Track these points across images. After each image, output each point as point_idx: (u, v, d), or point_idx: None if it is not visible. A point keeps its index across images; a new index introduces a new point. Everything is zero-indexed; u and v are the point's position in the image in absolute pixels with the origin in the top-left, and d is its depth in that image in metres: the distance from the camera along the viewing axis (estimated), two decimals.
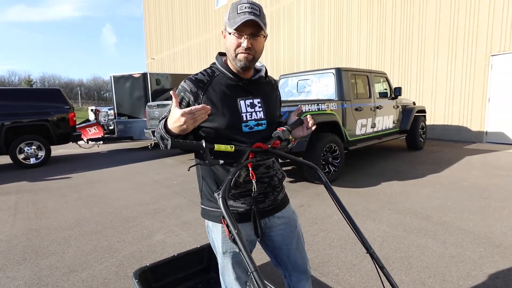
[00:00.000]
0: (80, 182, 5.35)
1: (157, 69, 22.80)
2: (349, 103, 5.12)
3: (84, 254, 2.71)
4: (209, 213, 1.24)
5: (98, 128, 8.90)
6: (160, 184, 5.03)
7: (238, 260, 1.23)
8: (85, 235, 3.11)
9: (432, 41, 8.62)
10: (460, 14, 7.98)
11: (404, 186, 4.33)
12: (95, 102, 47.36)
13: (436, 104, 8.71)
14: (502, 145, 7.39)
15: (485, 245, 2.57)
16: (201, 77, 1.17)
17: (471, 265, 2.28)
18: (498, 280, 2.09)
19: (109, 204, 4.06)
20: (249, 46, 1.10)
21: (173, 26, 20.73)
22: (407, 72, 9.30)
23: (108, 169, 6.39)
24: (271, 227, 1.30)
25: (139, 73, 8.72)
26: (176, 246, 2.80)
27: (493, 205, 3.48)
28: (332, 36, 11.23)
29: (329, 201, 3.84)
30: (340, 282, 2.16)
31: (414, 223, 3.07)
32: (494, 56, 7.54)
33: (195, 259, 2.17)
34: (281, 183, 1.31)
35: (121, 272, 2.40)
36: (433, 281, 2.10)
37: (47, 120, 6.78)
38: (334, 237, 2.85)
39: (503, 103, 7.51)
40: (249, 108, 1.19)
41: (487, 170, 5.04)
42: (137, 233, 3.12)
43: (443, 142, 8.14)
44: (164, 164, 6.70)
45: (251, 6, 1.09)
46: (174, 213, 3.66)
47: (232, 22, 1.09)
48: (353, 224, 1.13)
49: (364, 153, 6.83)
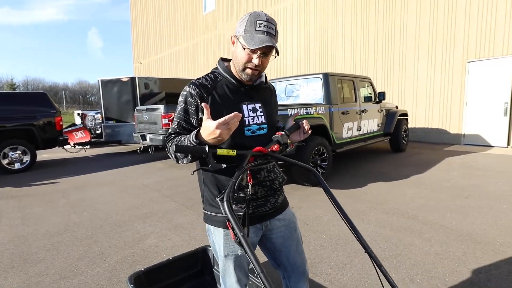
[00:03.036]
0: (67, 187, 5.25)
1: (144, 74, 22.57)
2: (336, 107, 5.26)
3: (75, 260, 2.68)
4: (211, 218, 1.26)
5: (85, 132, 8.74)
6: (150, 188, 5.00)
7: (240, 263, 1.26)
8: (75, 241, 3.07)
9: (412, 47, 8.94)
10: (439, 22, 8.33)
11: (389, 187, 4.48)
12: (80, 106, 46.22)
13: (417, 108, 9.01)
14: (478, 146, 7.72)
15: (468, 242, 2.71)
16: (204, 82, 1.20)
17: (456, 262, 2.40)
18: (481, 275, 2.21)
19: (98, 209, 4.01)
20: (259, 63, 1.14)
21: (161, 31, 20.62)
22: (389, 77, 9.60)
23: (96, 173, 6.29)
24: (272, 229, 1.33)
25: (127, 77, 8.64)
26: (168, 250, 2.81)
27: (472, 204, 3.65)
28: (317, 42, 11.45)
29: (319, 202, 3.92)
30: (333, 281, 2.22)
31: (401, 223, 3.19)
32: (470, 63, 7.90)
33: (190, 263, 2.19)
34: (281, 186, 1.35)
35: (114, 278, 2.39)
36: (421, 278, 2.20)
37: (32, 125, 6.61)
38: (325, 237, 2.93)
39: (478, 107, 7.87)
40: (251, 112, 1.23)
41: (466, 171, 5.26)
42: (129, 238, 3.10)
43: (424, 144, 8.42)
44: (153, 168, 6.65)
45: (268, 25, 1.11)
46: (165, 217, 3.65)
47: (249, 39, 1.10)
48: (351, 224, 1.19)
49: (350, 156, 6.99)
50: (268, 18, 1.12)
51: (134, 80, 8.66)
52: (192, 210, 3.85)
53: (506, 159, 6.17)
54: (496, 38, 7.41)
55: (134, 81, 8.65)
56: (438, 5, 8.31)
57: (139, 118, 7.25)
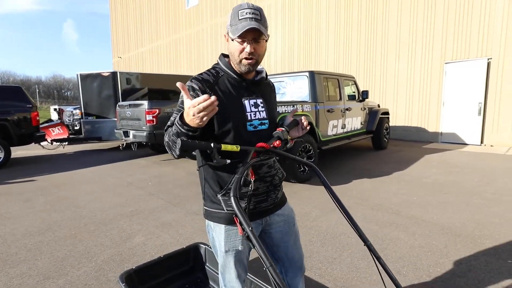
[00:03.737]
0: (46, 185, 5.04)
1: (124, 68, 21.95)
2: (322, 105, 5.34)
3: (59, 260, 2.59)
4: (212, 214, 1.26)
5: (63, 128, 8.39)
6: (134, 185, 4.89)
7: (240, 258, 1.27)
8: (58, 240, 2.96)
9: (394, 48, 9.19)
10: (419, 24, 8.61)
11: (373, 184, 4.60)
12: (55, 101, 44.31)
13: (398, 107, 9.30)
14: (454, 144, 8.07)
15: (449, 235, 2.83)
16: (206, 77, 1.19)
17: (438, 254, 2.51)
18: (462, 265, 2.33)
19: (81, 207, 3.89)
20: (252, 51, 1.14)
21: (142, 25, 20.11)
22: (371, 76, 9.83)
23: (76, 171, 6.08)
24: (271, 224, 1.34)
25: (108, 72, 8.38)
26: (157, 248, 2.77)
27: (451, 199, 3.82)
28: (301, 40, 11.55)
29: (306, 199, 3.98)
30: (323, 275, 2.27)
31: (385, 218, 3.29)
32: (447, 64, 8.22)
33: (181, 260, 2.17)
34: (281, 182, 1.37)
35: (102, 277, 2.33)
36: (407, 270, 2.29)
37: (6, 120, 6.29)
38: (313, 233, 2.98)
39: (455, 106, 8.22)
40: (253, 107, 1.24)
41: (444, 168, 5.49)
42: (115, 236, 3.03)
43: (404, 142, 8.71)
44: (136, 165, 6.51)
45: (251, 11, 1.12)
46: (152, 214, 3.59)
47: (234, 29, 1.12)
48: (351, 218, 1.22)
49: (335, 153, 7.13)
50: (250, 5, 1.13)
51: (115, 75, 8.41)
52: (179, 208, 3.81)
53: (480, 156, 6.49)
54: (471, 41, 7.75)
55: (115, 76, 8.40)
56: (418, 7, 8.58)
57: (121, 114, 7.06)
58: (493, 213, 3.35)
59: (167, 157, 7.35)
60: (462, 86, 8.05)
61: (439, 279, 2.17)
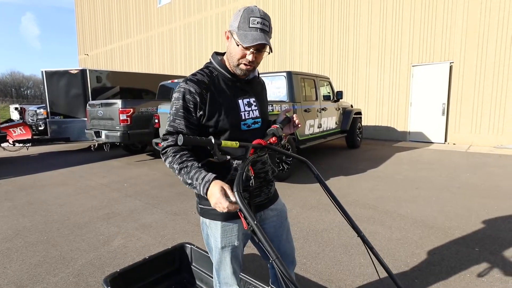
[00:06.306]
0: (10, 188, 4.71)
1: (91, 66, 20.98)
2: (299, 105, 5.44)
3: (32, 267, 2.44)
4: (208, 212, 1.25)
5: (25, 128, 7.85)
6: (108, 187, 4.70)
7: (236, 254, 1.28)
8: (29, 247, 2.79)
9: (364, 51, 9.57)
10: (387, 28, 9.02)
11: (349, 181, 4.77)
12: (13, 100, 41.34)
13: (369, 107, 9.69)
14: (421, 143, 8.55)
15: (422, 228, 3.00)
16: (201, 77, 1.19)
17: (414, 245, 2.65)
18: (435, 255, 2.48)
19: (52, 211, 3.68)
20: (253, 60, 1.15)
21: (110, 21, 19.35)
22: (344, 77, 10.16)
23: (43, 173, 5.73)
24: (265, 219, 1.37)
25: (77, 69, 7.98)
26: (139, 250, 2.69)
27: (422, 194, 4.05)
28: (276, 42, 11.68)
29: (287, 196, 4.04)
30: (308, 270, 2.33)
31: (363, 213, 3.43)
32: (414, 67, 8.70)
33: (167, 261, 2.13)
34: (273, 177, 1.41)
35: (82, 282, 2.23)
36: (387, 261, 2.40)
37: None
38: (296, 229, 3.03)
39: (421, 107, 8.71)
40: (246, 107, 1.25)
41: (414, 165, 5.81)
42: (92, 240, 2.90)
43: (375, 141, 9.09)
44: (109, 167, 6.26)
45: (262, 22, 1.10)
46: (130, 216, 3.48)
47: (243, 36, 1.10)
48: (344, 211, 1.27)
49: (312, 152, 7.29)
50: (262, 14, 1.12)
51: (84, 72, 8.02)
52: (159, 209, 3.72)
53: (444, 153, 6.93)
54: (435, 45, 8.25)
55: (84, 73, 8.01)
56: (387, 11, 9.00)
57: (92, 114, 6.76)
58: (460, 205, 3.60)
59: (141, 158, 7.14)
60: (428, 88, 8.54)
61: (416, 268, 2.30)
